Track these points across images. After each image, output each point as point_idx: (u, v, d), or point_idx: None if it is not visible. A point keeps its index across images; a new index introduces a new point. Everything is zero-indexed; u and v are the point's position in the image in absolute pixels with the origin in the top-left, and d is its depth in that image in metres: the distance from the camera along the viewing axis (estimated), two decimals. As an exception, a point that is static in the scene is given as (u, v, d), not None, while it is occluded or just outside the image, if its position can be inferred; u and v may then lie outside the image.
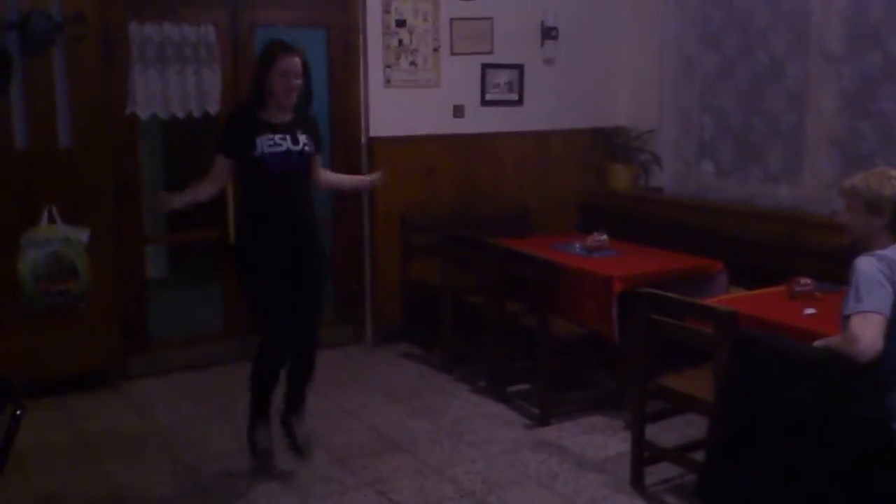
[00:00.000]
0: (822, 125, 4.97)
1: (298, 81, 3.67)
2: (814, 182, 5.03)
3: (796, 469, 2.79)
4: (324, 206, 5.82)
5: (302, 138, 3.74)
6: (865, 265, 2.80)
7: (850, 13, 4.81)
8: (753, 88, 5.38)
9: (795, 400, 2.76)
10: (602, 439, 4.25)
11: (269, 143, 3.66)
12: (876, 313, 2.71)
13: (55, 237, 4.60)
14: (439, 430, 4.39)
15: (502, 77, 5.99)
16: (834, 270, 4.02)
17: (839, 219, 3.10)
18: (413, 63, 5.68)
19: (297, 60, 3.66)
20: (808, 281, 3.84)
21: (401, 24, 5.60)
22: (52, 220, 4.63)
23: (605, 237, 4.94)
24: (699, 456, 3.48)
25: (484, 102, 5.94)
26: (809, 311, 3.57)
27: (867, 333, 2.67)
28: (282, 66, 3.62)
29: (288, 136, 3.71)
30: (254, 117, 3.70)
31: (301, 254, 3.79)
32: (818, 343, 2.91)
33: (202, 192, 3.80)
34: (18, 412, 2.80)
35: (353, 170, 5.64)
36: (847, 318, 2.75)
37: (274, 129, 3.69)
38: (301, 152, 3.73)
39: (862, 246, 2.94)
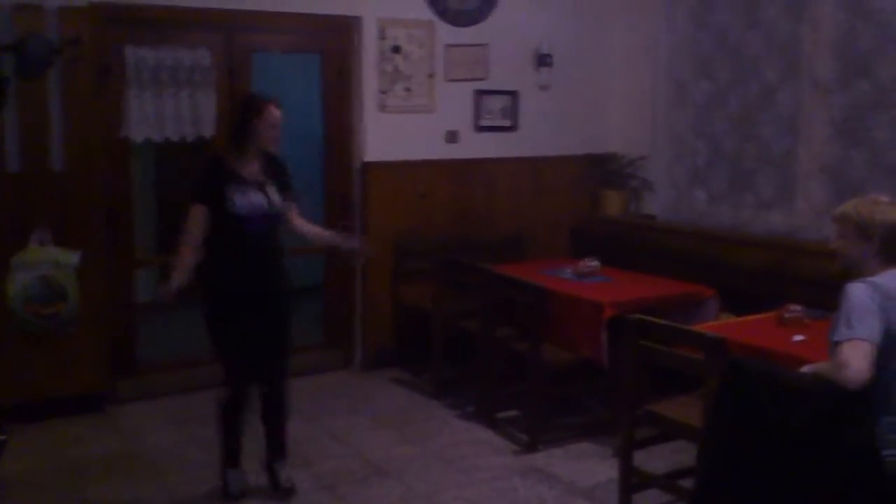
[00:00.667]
0: (814, 153, 4.99)
1: (279, 132, 3.78)
2: (805, 209, 5.04)
3: (786, 496, 2.77)
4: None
5: (273, 195, 3.79)
6: (858, 292, 2.79)
7: (840, 43, 4.84)
8: (745, 116, 5.41)
9: (786, 427, 2.75)
10: (591, 466, 4.22)
11: (244, 200, 3.70)
12: (865, 341, 2.69)
13: (46, 260, 4.59)
14: (428, 455, 4.37)
15: (496, 103, 6.02)
16: (824, 297, 4.02)
17: (832, 245, 3.09)
18: (408, 88, 5.70)
19: (279, 113, 3.76)
20: (798, 308, 3.84)
21: (396, 49, 5.63)
22: (42, 243, 4.62)
23: (596, 263, 4.94)
24: (688, 483, 3.46)
25: (478, 128, 5.96)
26: (798, 337, 3.57)
27: (856, 361, 2.66)
28: (271, 118, 3.72)
29: (260, 192, 3.75)
30: (227, 169, 3.74)
31: (268, 303, 3.83)
32: (806, 368, 2.90)
33: (191, 249, 3.75)
34: (3, 437, 2.78)
35: (347, 195, 5.67)
36: (837, 344, 2.74)
37: (247, 182, 3.74)
38: (274, 211, 3.80)
39: (854, 272, 2.93)
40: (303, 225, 4.03)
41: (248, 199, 3.71)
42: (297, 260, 6.53)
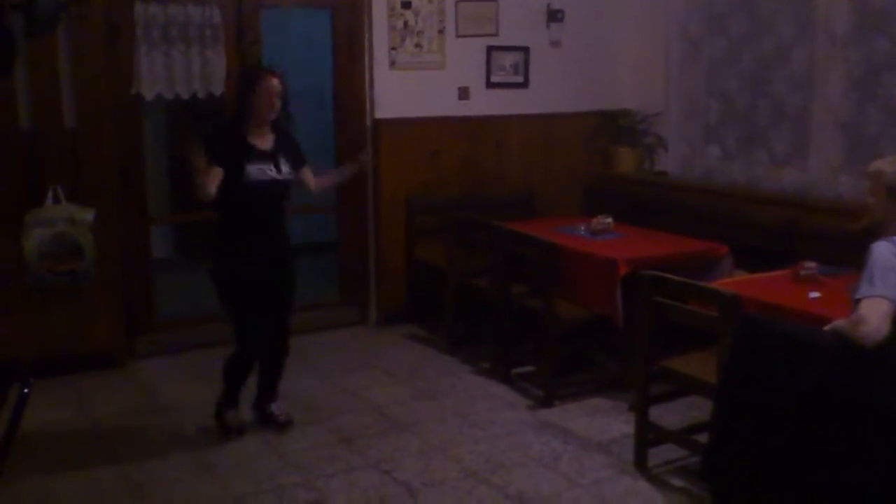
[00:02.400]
0: (828, 109, 4.95)
1: (278, 101, 3.92)
2: (819, 166, 5.02)
3: (801, 452, 2.80)
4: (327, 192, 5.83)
5: (284, 167, 3.99)
6: (882, 251, 2.79)
7: (856, -3, 4.79)
8: (760, 72, 5.36)
9: (801, 383, 2.77)
10: (606, 421, 4.27)
11: (258, 171, 3.89)
12: (885, 299, 2.70)
13: (60, 217, 4.60)
14: (443, 410, 4.42)
15: (508, 59, 5.97)
16: (838, 254, 4.03)
17: (863, 199, 3.07)
18: (418, 45, 5.66)
19: (277, 81, 3.90)
20: (813, 265, 3.84)
21: (406, 5, 5.58)
22: (57, 201, 4.64)
23: (609, 220, 4.94)
24: (703, 438, 3.50)
25: (489, 85, 5.93)
26: (814, 294, 3.57)
27: (874, 318, 2.67)
28: (264, 86, 3.87)
29: (272, 165, 3.94)
30: (241, 140, 3.91)
31: (275, 266, 4.05)
32: (828, 327, 2.91)
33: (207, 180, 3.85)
34: (26, 390, 2.81)
35: (358, 152, 5.64)
36: (857, 301, 2.76)
37: (261, 156, 3.92)
38: (284, 181, 4.00)
39: (878, 230, 2.93)
40: (320, 183, 4.27)
41: (259, 170, 3.89)
42: (312, 217, 6.61)
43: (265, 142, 3.96)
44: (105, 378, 4.83)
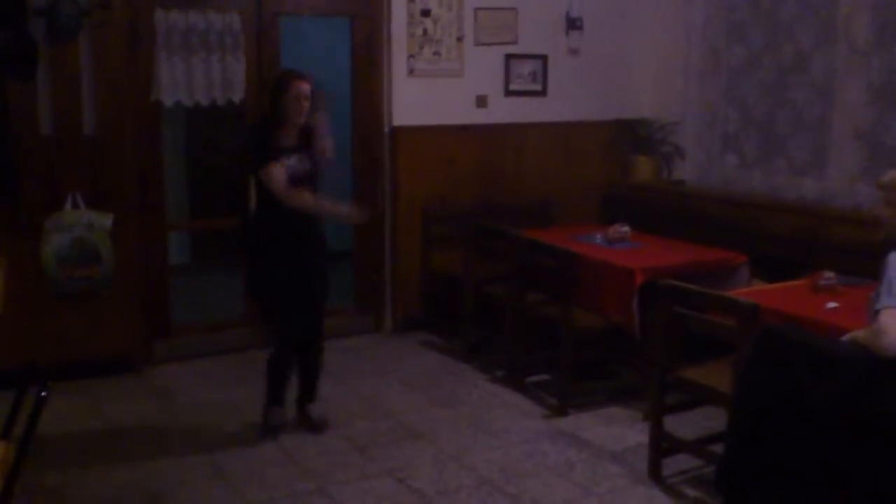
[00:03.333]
0: (848, 118, 4.92)
1: (308, 104, 4.03)
2: (838, 175, 4.98)
3: (818, 464, 2.78)
4: (344, 195, 5.85)
5: (302, 159, 4.05)
6: None
7: (878, 5, 4.75)
8: (779, 81, 5.33)
9: (820, 394, 2.74)
10: (620, 430, 4.24)
11: (290, 169, 3.98)
12: None
13: (79, 223, 4.64)
14: (458, 418, 4.41)
15: (526, 67, 5.97)
16: (857, 264, 3.99)
17: (876, 212, 3.05)
18: (437, 53, 5.67)
19: (307, 86, 4.01)
20: (831, 275, 3.81)
21: (425, 13, 5.60)
22: (76, 206, 4.67)
23: (626, 229, 4.93)
24: (718, 448, 3.47)
25: (507, 93, 5.93)
26: (832, 305, 3.55)
27: (893, 329, 2.65)
28: (294, 91, 3.97)
29: (296, 158, 4.02)
30: (274, 140, 4.01)
31: (310, 260, 4.11)
32: (846, 337, 2.88)
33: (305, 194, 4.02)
34: (44, 394, 2.83)
35: (376, 159, 5.67)
36: (876, 312, 2.73)
37: (286, 151, 4.01)
38: (308, 171, 4.07)
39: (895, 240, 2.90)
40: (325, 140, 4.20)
41: (292, 168, 3.97)
42: (327, 225, 6.62)
43: (291, 138, 4.05)
44: (122, 383, 4.86)
